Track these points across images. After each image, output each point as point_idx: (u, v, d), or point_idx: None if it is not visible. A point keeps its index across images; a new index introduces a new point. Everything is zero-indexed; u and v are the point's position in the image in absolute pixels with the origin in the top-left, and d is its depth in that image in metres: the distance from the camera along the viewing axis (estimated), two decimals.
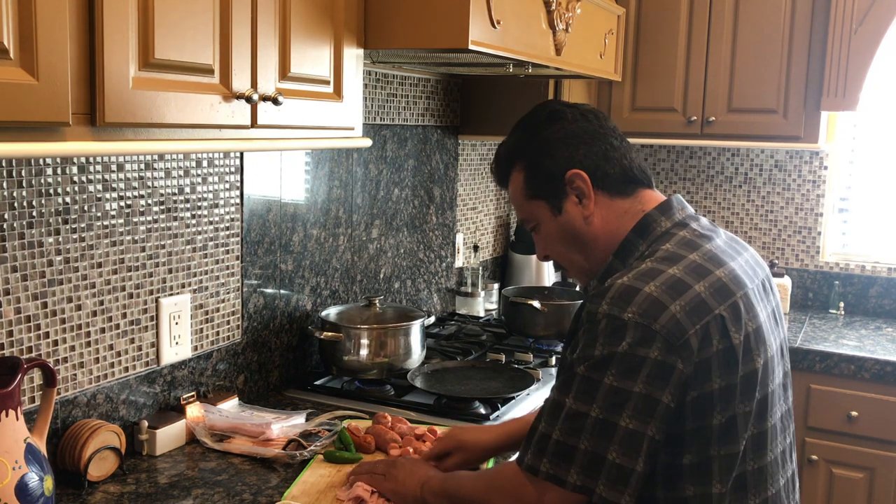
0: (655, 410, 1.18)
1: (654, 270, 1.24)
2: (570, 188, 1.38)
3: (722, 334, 1.20)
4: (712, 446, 1.23)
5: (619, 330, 1.19)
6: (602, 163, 1.38)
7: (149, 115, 1.23)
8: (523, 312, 2.66)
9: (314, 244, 2.29)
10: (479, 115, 2.97)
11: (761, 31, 2.97)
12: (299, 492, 1.60)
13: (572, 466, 1.19)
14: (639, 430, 1.18)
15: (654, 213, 1.37)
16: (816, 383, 2.79)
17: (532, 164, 1.42)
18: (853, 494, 2.76)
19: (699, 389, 1.20)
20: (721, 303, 1.22)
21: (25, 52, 1.04)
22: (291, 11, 1.52)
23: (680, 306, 1.19)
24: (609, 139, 1.40)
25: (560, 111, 1.43)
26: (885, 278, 3.29)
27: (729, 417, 1.22)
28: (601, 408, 1.18)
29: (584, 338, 1.23)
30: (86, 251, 1.65)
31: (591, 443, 1.18)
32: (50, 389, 1.39)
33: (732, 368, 1.21)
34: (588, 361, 1.21)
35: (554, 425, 1.22)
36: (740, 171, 3.49)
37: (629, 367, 1.18)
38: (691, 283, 1.22)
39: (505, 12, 1.84)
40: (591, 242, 1.40)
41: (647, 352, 1.17)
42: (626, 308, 1.19)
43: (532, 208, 1.44)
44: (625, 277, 1.24)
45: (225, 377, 2.02)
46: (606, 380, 1.18)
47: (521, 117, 1.49)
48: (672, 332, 1.17)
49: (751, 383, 1.23)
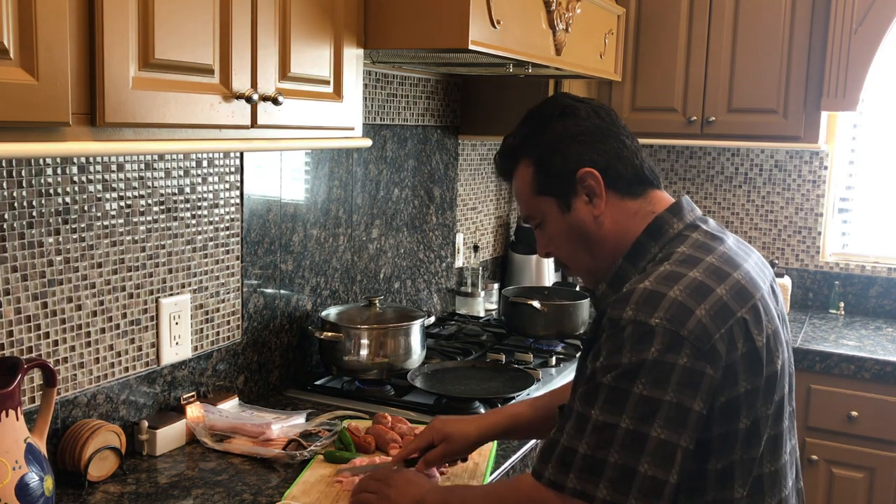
0: (688, 419, 1.15)
1: (675, 274, 1.21)
2: (581, 186, 1.34)
3: (746, 337, 1.18)
4: (736, 451, 1.21)
5: (647, 336, 1.15)
6: (614, 162, 1.34)
7: (149, 115, 1.23)
8: (523, 312, 2.66)
9: (314, 244, 2.29)
10: (479, 115, 2.96)
11: (761, 31, 2.96)
12: (299, 492, 1.60)
13: (601, 481, 1.14)
14: (671, 440, 1.14)
15: (665, 214, 1.34)
16: (816, 383, 2.79)
17: (542, 159, 1.37)
18: (853, 494, 2.76)
19: (727, 394, 1.17)
20: (742, 305, 1.20)
21: (25, 52, 1.04)
22: (291, 11, 1.52)
23: (705, 310, 1.16)
24: (621, 137, 1.37)
25: (573, 106, 1.38)
26: (885, 278, 3.29)
27: (753, 420, 1.20)
28: (631, 418, 1.14)
29: (607, 345, 1.18)
30: (86, 251, 1.65)
31: (621, 455, 1.14)
32: (50, 389, 1.39)
33: (757, 371, 1.20)
34: (615, 370, 1.16)
35: (580, 439, 1.17)
36: (740, 171, 3.49)
37: (659, 376, 1.14)
38: (713, 287, 1.19)
39: (505, 12, 1.84)
40: (600, 242, 1.36)
41: (675, 358, 1.14)
42: (654, 313, 1.16)
43: (539, 204, 1.39)
44: (647, 282, 1.20)
45: (225, 377, 2.02)
46: (636, 389, 1.14)
47: (531, 109, 1.43)
48: (699, 338, 1.15)
49: (771, 385, 1.22)
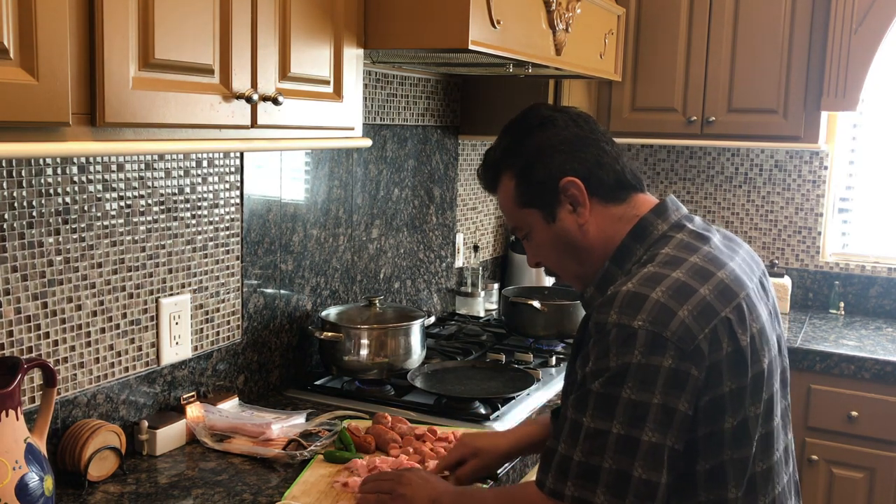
0: (673, 420, 1.16)
1: (657, 275, 1.22)
2: (565, 196, 1.35)
3: (730, 337, 1.19)
4: (725, 451, 1.22)
5: (630, 339, 1.16)
6: (596, 169, 1.35)
7: (149, 116, 1.23)
8: (523, 312, 2.66)
9: (314, 244, 2.29)
10: (479, 115, 2.96)
11: (761, 31, 2.96)
12: (299, 492, 1.60)
13: (598, 487, 1.16)
14: (661, 441, 1.16)
15: (649, 216, 1.35)
16: (816, 383, 2.79)
17: (524, 171, 1.38)
18: (853, 494, 2.76)
19: (711, 394, 1.18)
20: (726, 305, 1.21)
21: (25, 52, 1.04)
22: (291, 11, 1.52)
23: (688, 311, 1.17)
24: (601, 144, 1.38)
25: (551, 117, 1.39)
26: (885, 278, 3.29)
27: (740, 420, 1.21)
28: (622, 423, 1.16)
29: (594, 350, 1.20)
30: (86, 251, 1.65)
31: (615, 460, 1.16)
32: (50, 389, 1.39)
33: (742, 371, 1.20)
34: (602, 376, 1.18)
35: (574, 446, 1.19)
36: (740, 171, 3.49)
37: (645, 378, 1.15)
38: (696, 287, 1.20)
39: (505, 12, 1.84)
40: (587, 250, 1.37)
41: (660, 360, 1.15)
42: (636, 315, 1.17)
43: (524, 216, 1.41)
44: (629, 284, 1.21)
45: (225, 377, 2.02)
46: (624, 394, 1.16)
47: (510, 122, 1.44)
48: (683, 339, 1.16)
49: (758, 384, 1.23)
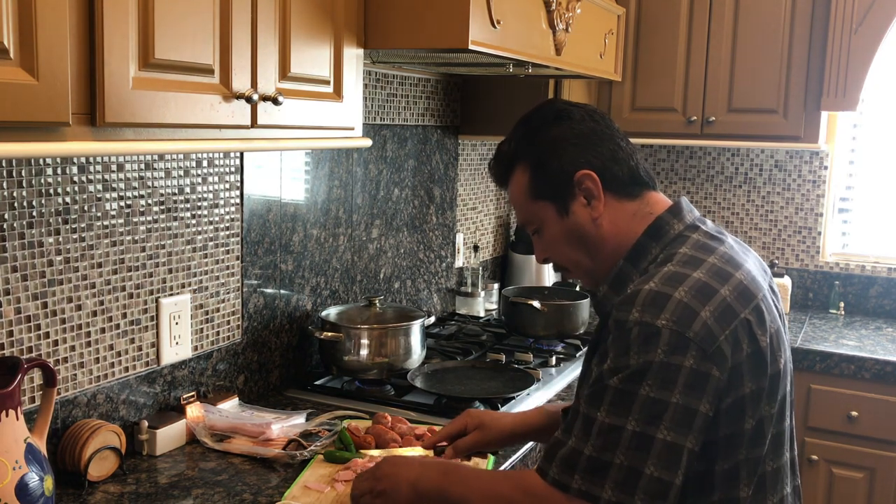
0: (694, 421, 1.15)
1: (678, 275, 1.21)
2: (579, 189, 1.35)
3: (750, 338, 1.19)
4: (741, 450, 1.21)
5: (653, 337, 1.15)
6: (611, 164, 1.35)
7: (149, 115, 1.23)
8: (523, 312, 2.66)
9: (314, 244, 2.29)
10: (479, 115, 2.96)
11: (761, 31, 2.96)
12: (299, 492, 1.60)
13: (606, 482, 1.15)
14: (678, 441, 1.14)
15: (665, 215, 1.34)
16: (816, 383, 2.79)
17: (539, 163, 1.37)
18: (853, 494, 2.76)
19: (733, 395, 1.18)
20: (745, 306, 1.21)
21: (25, 52, 1.04)
22: (291, 11, 1.52)
23: (709, 312, 1.17)
24: (616, 140, 1.37)
25: (567, 110, 1.39)
26: (885, 278, 3.29)
27: (758, 420, 1.21)
28: (638, 420, 1.15)
29: (613, 347, 1.19)
30: (86, 251, 1.65)
31: (627, 457, 1.15)
32: (50, 389, 1.39)
33: (762, 371, 1.20)
34: (621, 372, 1.17)
35: (586, 441, 1.18)
36: (740, 171, 3.49)
37: (666, 377, 1.14)
38: (717, 288, 1.20)
39: (505, 12, 1.84)
40: (599, 244, 1.36)
41: (682, 360, 1.14)
42: (660, 314, 1.16)
43: (536, 209, 1.40)
44: (652, 283, 1.20)
45: (225, 377, 2.02)
46: (642, 391, 1.15)
47: (525, 115, 1.44)
48: (705, 339, 1.15)
49: (775, 384, 1.23)
